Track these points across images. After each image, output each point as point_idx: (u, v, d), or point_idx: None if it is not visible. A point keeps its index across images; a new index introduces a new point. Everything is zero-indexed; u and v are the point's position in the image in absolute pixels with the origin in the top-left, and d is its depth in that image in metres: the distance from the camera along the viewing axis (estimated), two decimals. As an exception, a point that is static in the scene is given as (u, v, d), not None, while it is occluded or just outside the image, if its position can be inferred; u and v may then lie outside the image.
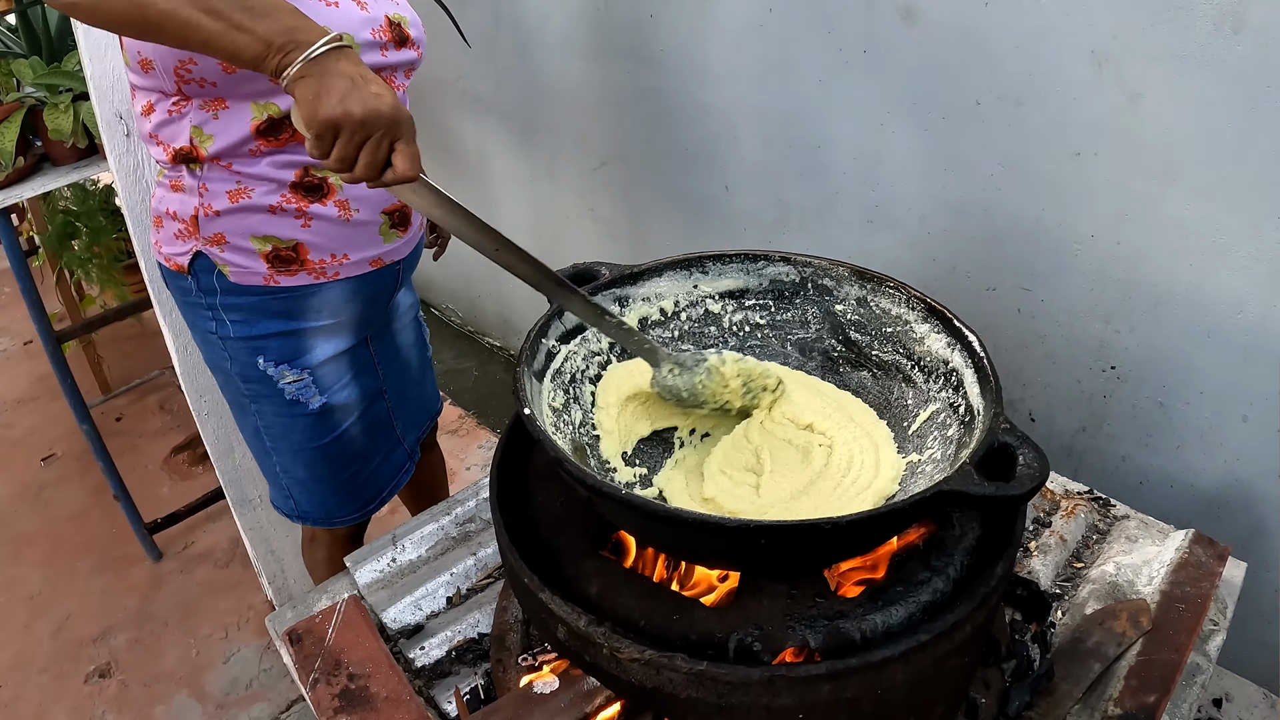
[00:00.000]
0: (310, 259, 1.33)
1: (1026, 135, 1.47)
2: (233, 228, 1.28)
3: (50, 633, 2.30)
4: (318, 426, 1.45)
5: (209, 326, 1.37)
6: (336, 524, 1.59)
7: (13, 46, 2.14)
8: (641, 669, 0.81)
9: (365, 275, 1.40)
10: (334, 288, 1.37)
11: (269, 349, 1.36)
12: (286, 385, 1.39)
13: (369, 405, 1.52)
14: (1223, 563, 1.15)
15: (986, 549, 0.93)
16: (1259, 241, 1.28)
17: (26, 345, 3.68)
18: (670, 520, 0.78)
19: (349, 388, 1.46)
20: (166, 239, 1.33)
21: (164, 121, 1.24)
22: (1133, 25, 1.29)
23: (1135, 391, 1.49)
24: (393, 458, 1.61)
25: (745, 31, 1.82)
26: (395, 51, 1.30)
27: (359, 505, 1.59)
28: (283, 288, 1.33)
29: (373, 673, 1.13)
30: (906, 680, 0.80)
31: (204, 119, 1.21)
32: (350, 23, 1.22)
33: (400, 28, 1.31)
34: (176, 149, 1.24)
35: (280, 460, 1.51)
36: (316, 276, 1.34)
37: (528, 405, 0.90)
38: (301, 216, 1.30)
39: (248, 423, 1.50)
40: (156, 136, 1.26)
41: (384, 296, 1.49)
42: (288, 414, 1.43)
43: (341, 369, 1.44)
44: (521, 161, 2.70)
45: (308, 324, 1.37)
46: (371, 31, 1.25)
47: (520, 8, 2.38)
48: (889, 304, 1.11)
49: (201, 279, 1.32)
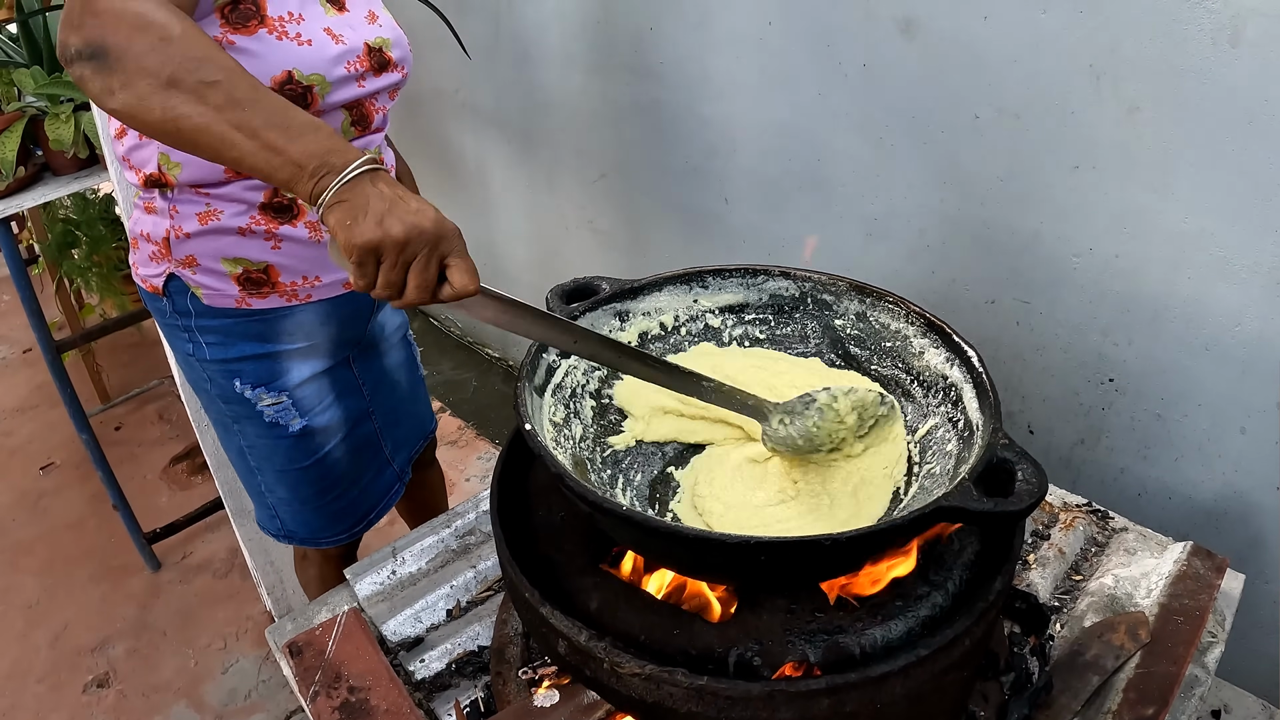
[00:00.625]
0: (281, 281, 1.32)
1: (1025, 148, 1.48)
2: (203, 250, 1.27)
3: (48, 642, 2.30)
4: (299, 448, 1.45)
5: (187, 348, 1.37)
6: (324, 544, 1.59)
7: (13, 56, 2.15)
8: (642, 684, 0.81)
9: (338, 298, 1.39)
10: (307, 310, 1.36)
11: (245, 371, 1.36)
12: (265, 408, 1.39)
13: (353, 426, 1.51)
14: (1221, 575, 1.15)
15: (985, 563, 0.94)
16: (1257, 255, 1.28)
17: (26, 353, 3.69)
18: (670, 536, 0.78)
19: (331, 409, 1.46)
20: (143, 260, 1.33)
21: (134, 146, 1.24)
22: (1131, 39, 1.30)
23: (1134, 404, 1.50)
24: (381, 478, 1.61)
25: (745, 44, 1.83)
26: (375, 78, 1.28)
27: (346, 526, 1.59)
28: (255, 310, 1.33)
29: (373, 685, 1.13)
30: (905, 695, 0.80)
31: (170, 148, 1.20)
32: (323, 60, 1.19)
33: (381, 52, 1.29)
34: (147, 174, 1.24)
35: (264, 480, 1.50)
36: (288, 299, 1.33)
37: (528, 421, 0.90)
38: (271, 238, 1.29)
39: (232, 442, 1.50)
40: (129, 160, 1.26)
41: (361, 318, 1.48)
42: (269, 436, 1.43)
43: (322, 390, 1.44)
44: (520, 173, 2.71)
45: (282, 346, 1.37)
46: (346, 65, 1.22)
47: (520, 19, 2.39)
48: (888, 319, 1.12)
49: (176, 300, 1.32)
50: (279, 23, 1.15)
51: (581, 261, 2.62)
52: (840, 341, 1.16)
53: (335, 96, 1.22)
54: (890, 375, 1.11)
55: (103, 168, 2.14)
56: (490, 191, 2.84)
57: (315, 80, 1.18)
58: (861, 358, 1.15)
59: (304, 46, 1.17)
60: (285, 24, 1.16)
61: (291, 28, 1.17)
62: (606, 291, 1.13)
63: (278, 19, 1.15)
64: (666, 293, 1.17)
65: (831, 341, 1.17)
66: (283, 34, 1.15)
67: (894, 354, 1.11)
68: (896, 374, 1.10)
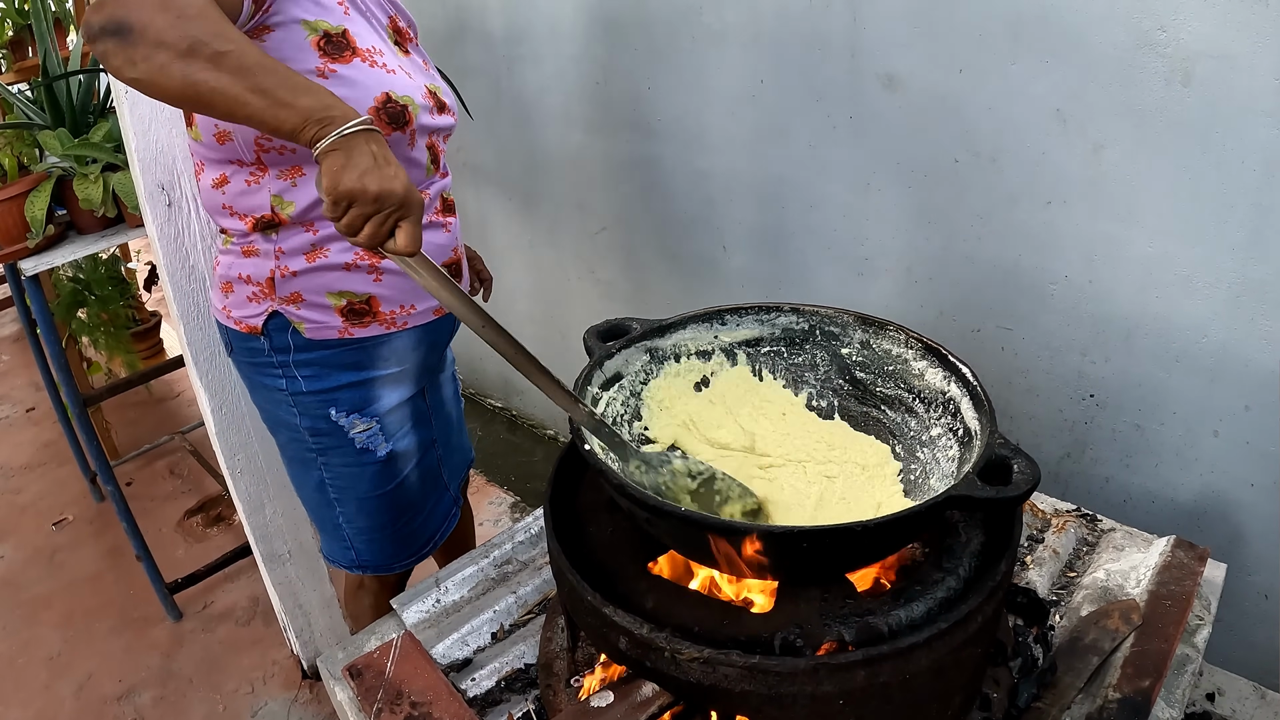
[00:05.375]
0: (382, 310, 1.43)
1: (1001, 188, 1.60)
2: (309, 286, 1.38)
3: (72, 692, 2.33)
4: (383, 474, 1.54)
5: (279, 384, 1.45)
6: (394, 569, 1.67)
7: (34, 118, 2.22)
8: (700, 668, 0.91)
9: (429, 323, 1.51)
10: (402, 336, 1.47)
11: (341, 399, 1.45)
12: (357, 435, 1.48)
13: (423, 454, 1.61)
14: (1203, 563, 1.27)
15: (990, 552, 1.05)
16: (1217, 272, 1.40)
17: (29, 412, 3.74)
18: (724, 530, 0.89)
19: (409, 436, 1.56)
20: (238, 303, 1.41)
21: (242, 192, 1.33)
22: (1092, 84, 1.43)
23: (1114, 417, 1.61)
24: (441, 504, 1.70)
25: (739, 101, 1.95)
26: (438, 116, 1.42)
27: (413, 551, 1.67)
28: (356, 339, 1.42)
29: (434, 700, 1.21)
30: (929, 666, 0.91)
31: (283, 187, 1.31)
32: (409, 87, 1.33)
33: (437, 95, 1.42)
34: (257, 218, 1.34)
35: (344, 511, 1.58)
36: (387, 326, 1.44)
37: (588, 442, 1.01)
38: (374, 272, 1.40)
39: (310, 477, 1.56)
40: (231, 208, 1.35)
41: (442, 343, 1.60)
42: (357, 463, 1.51)
43: (404, 417, 1.54)
44: (523, 228, 2.81)
45: (377, 373, 1.46)
46: (423, 96, 1.36)
47: (521, 82, 2.51)
48: (890, 345, 1.23)
49: (275, 338, 1.40)
50: (369, 53, 1.29)
51: (584, 312, 2.71)
52: (847, 368, 1.28)
53: (421, 121, 1.35)
54: (894, 395, 1.23)
55: (128, 226, 2.22)
56: (493, 247, 2.93)
57: (407, 101, 1.32)
58: (867, 381, 1.26)
59: (392, 74, 1.32)
60: (373, 54, 1.30)
61: (379, 59, 1.31)
62: (637, 331, 1.25)
63: (367, 49, 1.29)
64: (690, 329, 1.29)
65: (839, 369, 1.29)
66: (374, 63, 1.29)
67: (896, 376, 1.22)
68: (900, 394, 1.22)
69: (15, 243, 2.09)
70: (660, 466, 1.13)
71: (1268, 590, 1.52)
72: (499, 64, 2.56)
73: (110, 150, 2.11)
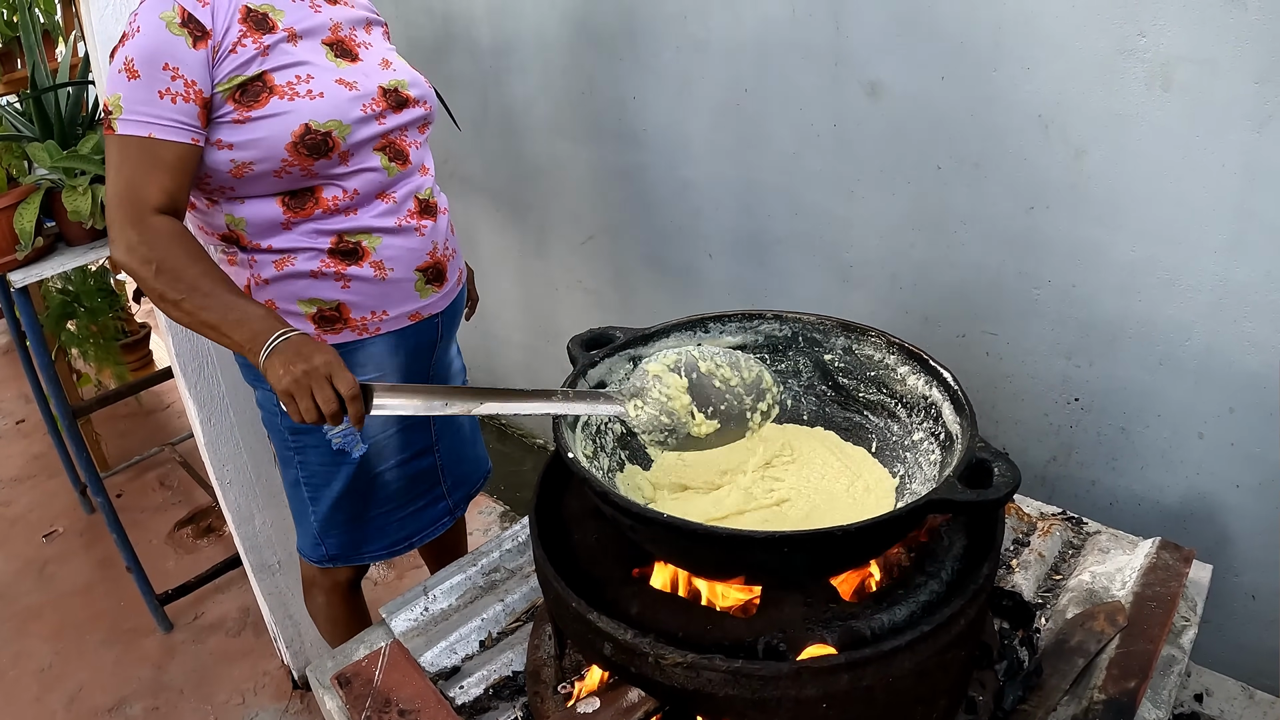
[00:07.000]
0: (353, 317, 1.46)
1: (984, 194, 1.61)
2: (281, 294, 1.42)
3: (63, 704, 2.33)
4: (357, 474, 1.57)
5: (265, 386, 1.50)
6: (353, 561, 1.68)
7: (23, 130, 2.23)
8: (684, 673, 0.91)
9: (405, 329, 1.53)
10: (377, 342, 1.50)
11: None
12: (332, 436, 1.51)
13: (414, 456, 1.62)
14: (1188, 565, 1.27)
15: (972, 555, 1.06)
16: (1198, 275, 1.41)
17: (19, 424, 3.73)
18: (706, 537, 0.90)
19: (393, 438, 1.58)
20: None
21: (204, 212, 1.42)
22: (1073, 90, 1.44)
23: (1099, 420, 1.62)
24: (433, 509, 1.71)
25: (722, 111, 1.97)
26: (396, 115, 1.44)
27: (386, 544, 1.68)
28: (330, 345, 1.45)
29: (422, 708, 1.21)
30: (913, 669, 0.91)
31: (232, 207, 1.38)
32: (336, 107, 1.35)
33: (398, 92, 1.44)
34: (222, 234, 1.41)
35: (316, 509, 1.61)
36: (360, 333, 1.47)
37: (570, 450, 1.02)
38: (341, 279, 1.43)
39: (289, 474, 1.62)
40: (203, 227, 1.43)
41: (426, 349, 1.60)
42: (332, 463, 1.54)
43: (386, 422, 1.56)
44: (510, 238, 2.82)
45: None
46: (363, 107, 1.38)
47: (508, 93, 2.53)
48: (872, 351, 1.24)
49: None
50: (287, 88, 1.32)
51: (571, 321, 2.73)
52: (830, 374, 1.29)
53: (358, 135, 1.38)
54: (877, 400, 1.23)
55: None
56: (480, 258, 2.94)
57: (332, 125, 1.34)
58: (849, 387, 1.27)
59: (316, 100, 1.34)
60: (295, 86, 1.33)
61: (301, 87, 1.33)
62: (621, 339, 1.25)
63: (285, 84, 1.32)
64: (674, 337, 1.29)
65: (822, 374, 1.29)
66: (293, 95, 1.32)
67: (878, 381, 1.23)
68: (882, 399, 1.23)
69: (4, 255, 2.09)
70: (652, 389, 1.14)
71: (1255, 591, 1.53)
72: (486, 75, 2.57)
73: (99, 162, 2.11)
